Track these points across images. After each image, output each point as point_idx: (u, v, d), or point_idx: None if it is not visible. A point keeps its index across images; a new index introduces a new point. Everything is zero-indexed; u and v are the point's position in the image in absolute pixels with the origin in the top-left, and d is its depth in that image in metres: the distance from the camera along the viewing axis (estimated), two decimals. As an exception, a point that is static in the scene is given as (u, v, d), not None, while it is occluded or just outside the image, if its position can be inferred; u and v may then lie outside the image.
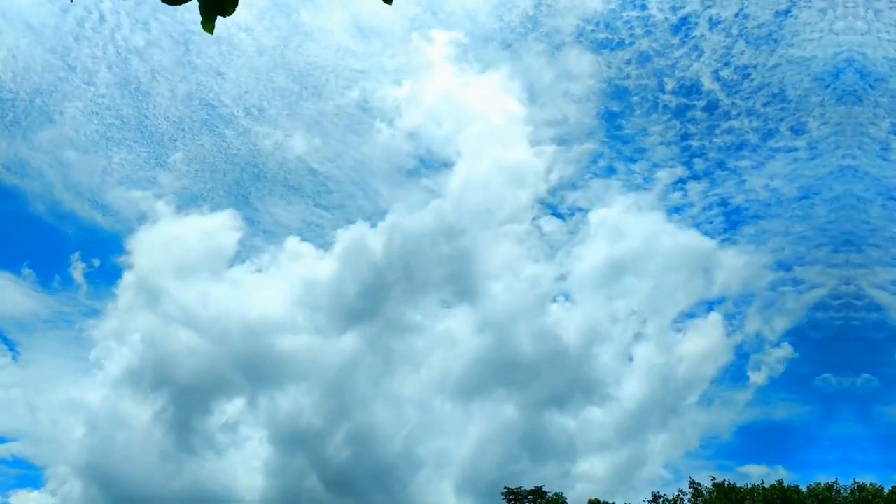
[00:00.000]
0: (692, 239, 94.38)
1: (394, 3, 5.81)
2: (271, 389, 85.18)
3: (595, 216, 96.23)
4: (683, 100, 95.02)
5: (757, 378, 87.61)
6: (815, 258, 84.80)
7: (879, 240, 79.01)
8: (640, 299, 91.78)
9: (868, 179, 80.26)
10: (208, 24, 5.39)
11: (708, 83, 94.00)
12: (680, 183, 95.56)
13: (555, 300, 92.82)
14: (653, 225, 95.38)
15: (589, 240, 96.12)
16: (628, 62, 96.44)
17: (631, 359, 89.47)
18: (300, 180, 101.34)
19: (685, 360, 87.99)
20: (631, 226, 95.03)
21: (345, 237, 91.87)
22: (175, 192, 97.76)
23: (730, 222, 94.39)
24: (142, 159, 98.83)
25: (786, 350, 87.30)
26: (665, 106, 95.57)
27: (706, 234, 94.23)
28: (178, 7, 5.33)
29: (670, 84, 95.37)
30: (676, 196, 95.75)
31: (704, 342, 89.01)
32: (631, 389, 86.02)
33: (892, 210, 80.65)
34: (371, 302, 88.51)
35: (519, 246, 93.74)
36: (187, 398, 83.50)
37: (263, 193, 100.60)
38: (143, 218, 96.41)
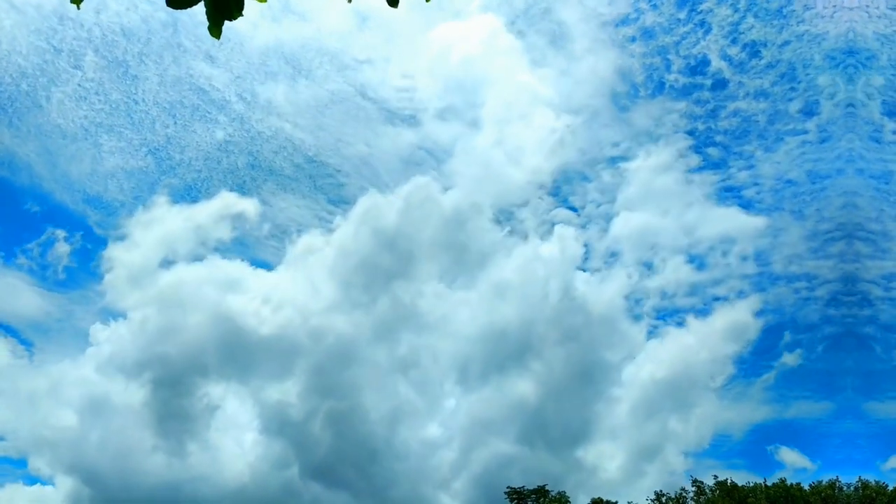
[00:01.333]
0: (716, 219, 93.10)
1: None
2: (270, 379, 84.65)
3: (609, 198, 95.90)
4: (690, 79, 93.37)
5: (788, 359, 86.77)
6: (826, 252, 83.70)
7: (873, 231, 78.32)
8: (654, 282, 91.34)
9: (861, 163, 79.62)
10: (215, 30, 5.15)
11: (715, 61, 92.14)
12: (691, 173, 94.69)
13: (567, 284, 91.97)
14: (669, 205, 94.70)
15: (605, 221, 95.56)
16: (633, 39, 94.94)
17: (652, 339, 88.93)
18: (296, 166, 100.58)
19: (707, 343, 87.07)
20: (648, 206, 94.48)
21: (348, 220, 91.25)
22: (167, 179, 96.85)
23: (741, 207, 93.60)
24: (133, 146, 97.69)
25: (801, 343, 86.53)
26: (671, 86, 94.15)
27: (723, 215, 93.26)
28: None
29: (677, 63, 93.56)
30: (687, 179, 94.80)
31: (729, 326, 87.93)
32: (651, 373, 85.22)
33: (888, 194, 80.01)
34: (374, 286, 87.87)
35: (533, 228, 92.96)
36: (184, 388, 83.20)
37: (259, 180, 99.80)
38: (134, 205, 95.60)
